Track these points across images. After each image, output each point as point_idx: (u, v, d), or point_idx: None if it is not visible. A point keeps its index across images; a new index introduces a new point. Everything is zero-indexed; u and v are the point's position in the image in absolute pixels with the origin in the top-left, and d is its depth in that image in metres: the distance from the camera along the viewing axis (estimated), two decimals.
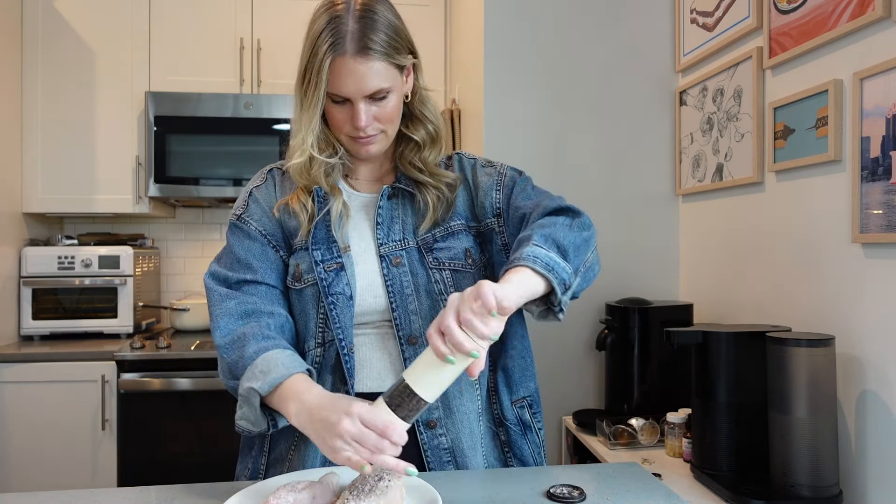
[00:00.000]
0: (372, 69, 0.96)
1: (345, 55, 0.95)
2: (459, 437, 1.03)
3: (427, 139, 1.09)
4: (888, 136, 1.27)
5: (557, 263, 0.91)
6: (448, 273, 1.05)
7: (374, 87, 0.97)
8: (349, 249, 1.04)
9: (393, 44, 0.98)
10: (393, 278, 1.03)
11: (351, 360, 1.01)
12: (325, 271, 1.01)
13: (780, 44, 1.59)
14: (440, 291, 1.04)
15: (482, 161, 1.15)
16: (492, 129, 2.11)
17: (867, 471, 1.35)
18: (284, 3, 2.78)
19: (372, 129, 1.01)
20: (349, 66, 0.95)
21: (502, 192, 1.10)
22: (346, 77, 0.96)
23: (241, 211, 1.09)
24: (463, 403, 1.04)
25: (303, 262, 1.03)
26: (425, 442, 1.02)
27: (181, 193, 2.66)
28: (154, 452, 2.35)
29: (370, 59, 0.95)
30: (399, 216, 1.08)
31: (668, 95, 2.16)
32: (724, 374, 1.47)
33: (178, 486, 0.95)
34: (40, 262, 2.59)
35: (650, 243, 2.16)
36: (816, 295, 1.50)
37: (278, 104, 2.68)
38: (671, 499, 0.91)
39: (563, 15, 2.13)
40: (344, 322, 1.01)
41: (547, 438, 2.11)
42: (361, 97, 0.98)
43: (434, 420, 1.03)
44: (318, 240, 1.03)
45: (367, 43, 0.95)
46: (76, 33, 2.66)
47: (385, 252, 1.05)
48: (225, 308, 1.02)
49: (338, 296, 1.00)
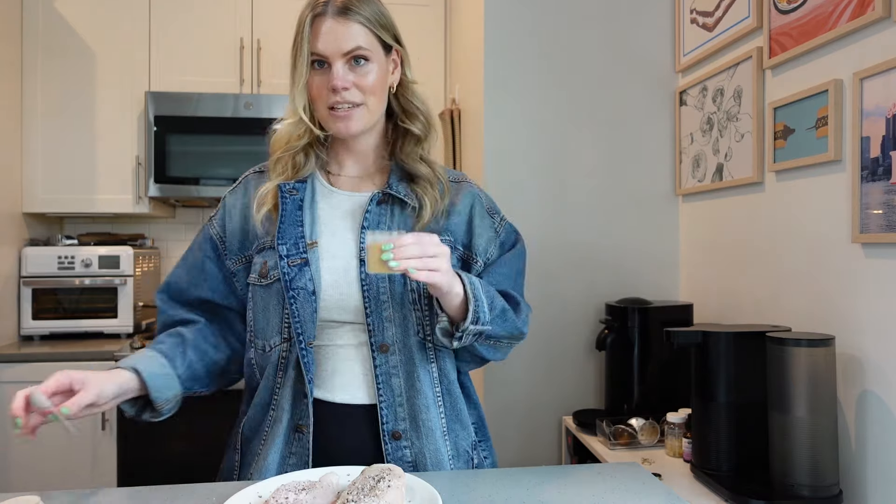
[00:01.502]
0: (351, 28, 1.01)
1: (325, 15, 1.01)
2: (423, 451, 1.04)
3: (424, 130, 1.11)
4: (888, 136, 1.27)
5: (482, 303, 1.00)
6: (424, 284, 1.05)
7: (352, 44, 1.01)
8: (316, 245, 1.05)
9: (376, 18, 1.03)
10: (370, 283, 1.03)
11: (309, 355, 1.01)
12: (288, 266, 1.02)
13: (780, 44, 1.59)
14: (413, 301, 1.04)
15: (488, 204, 1.17)
16: (492, 129, 2.10)
17: (867, 471, 1.35)
18: (284, 3, 2.78)
19: (350, 95, 1.02)
20: (328, 25, 1.01)
21: (495, 250, 1.15)
22: (325, 34, 1.01)
23: (213, 213, 1.16)
24: (429, 419, 1.04)
25: (270, 259, 1.05)
26: (389, 453, 1.02)
27: (181, 193, 2.66)
28: (154, 452, 2.35)
29: (349, 20, 1.01)
30: (385, 222, 1.08)
31: (668, 95, 2.16)
32: (724, 374, 1.47)
33: (178, 486, 0.95)
34: (40, 262, 2.59)
35: (650, 243, 2.16)
36: (816, 295, 1.50)
37: (278, 104, 2.68)
38: (671, 499, 0.91)
39: (563, 15, 2.13)
40: (304, 316, 1.00)
41: (547, 438, 2.11)
42: (339, 55, 1.01)
43: (399, 432, 1.03)
44: (286, 235, 1.04)
45: (347, 5, 1.01)
46: (76, 33, 2.66)
47: (365, 256, 1.05)
48: (160, 321, 1.15)
49: (299, 290, 1.01)
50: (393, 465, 0.88)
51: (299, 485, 0.83)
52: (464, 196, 1.14)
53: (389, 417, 1.03)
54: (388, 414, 1.03)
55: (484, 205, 1.16)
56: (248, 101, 2.67)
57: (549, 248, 2.11)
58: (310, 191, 1.08)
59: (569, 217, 2.13)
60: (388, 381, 1.03)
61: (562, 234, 2.12)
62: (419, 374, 1.04)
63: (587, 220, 2.14)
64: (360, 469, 0.91)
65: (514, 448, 2.08)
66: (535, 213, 2.11)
